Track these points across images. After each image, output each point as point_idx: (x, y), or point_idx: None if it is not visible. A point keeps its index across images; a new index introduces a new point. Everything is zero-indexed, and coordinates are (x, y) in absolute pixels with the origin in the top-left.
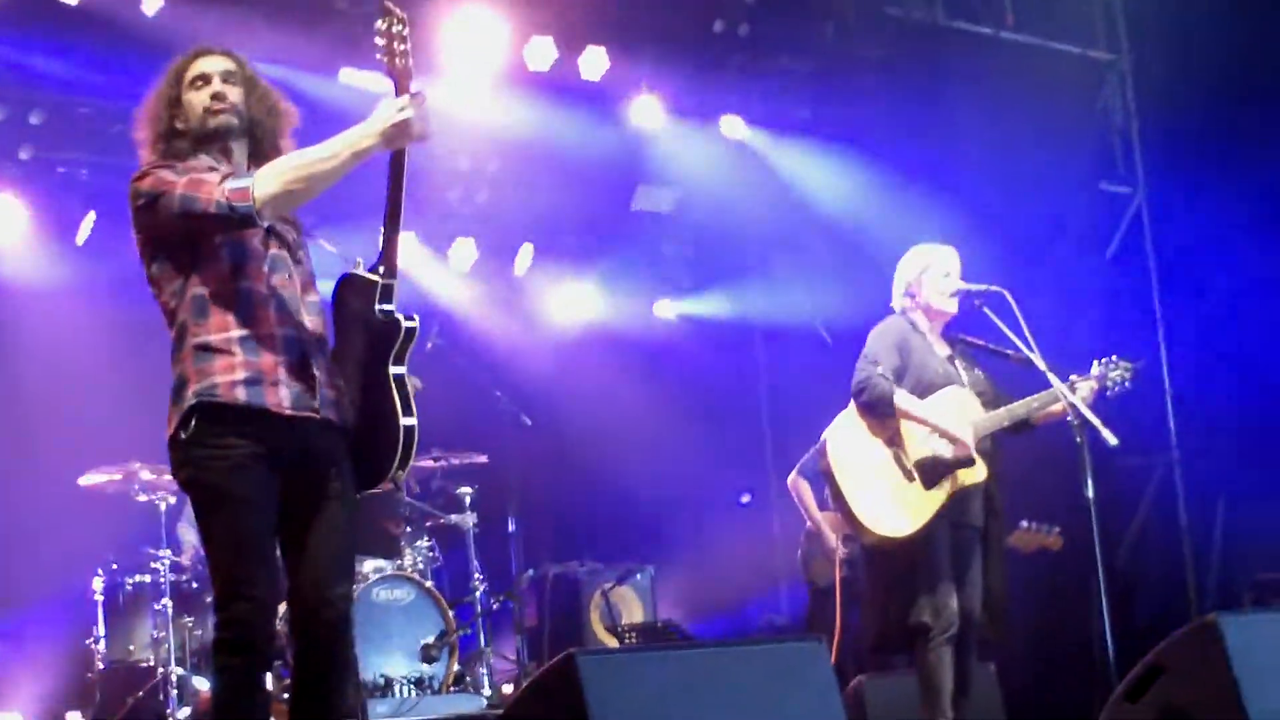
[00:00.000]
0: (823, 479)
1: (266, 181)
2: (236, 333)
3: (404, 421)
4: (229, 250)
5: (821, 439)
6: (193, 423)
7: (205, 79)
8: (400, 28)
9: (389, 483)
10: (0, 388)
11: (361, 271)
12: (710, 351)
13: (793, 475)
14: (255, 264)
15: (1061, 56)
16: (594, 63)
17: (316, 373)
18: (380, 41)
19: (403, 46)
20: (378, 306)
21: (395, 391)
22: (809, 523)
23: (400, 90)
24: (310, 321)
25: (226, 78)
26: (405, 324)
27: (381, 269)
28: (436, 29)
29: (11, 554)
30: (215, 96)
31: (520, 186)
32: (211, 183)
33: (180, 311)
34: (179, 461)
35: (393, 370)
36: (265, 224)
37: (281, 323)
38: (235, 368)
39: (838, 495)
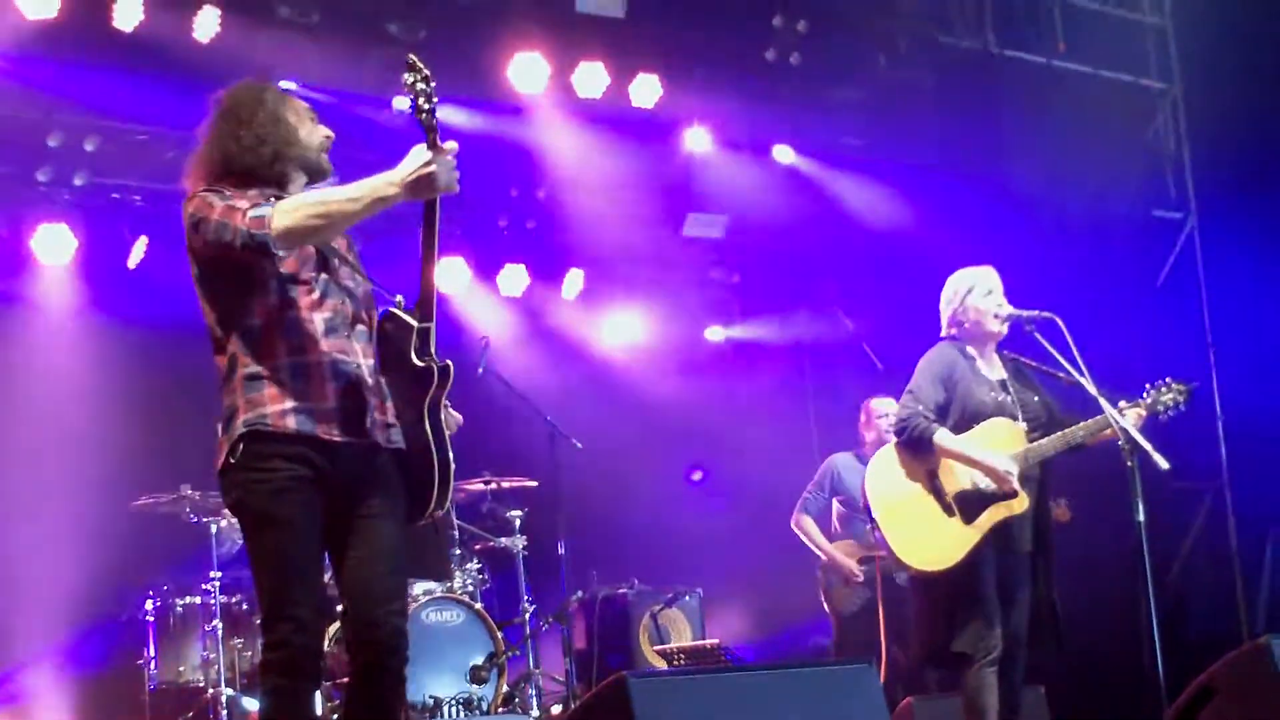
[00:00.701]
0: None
1: (286, 214)
2: (286, 361)
3: (438, 461)
4: (278, 278)
5: (820, 470)
6: (240, 448)
7: (314, 115)
8: (425, 84)
9: (429, 518)
10: (52, 411)
11: (400, 312)
12: (760, 375)
13: (795, 515)
14: (305, 291)
15: (1113, 85)
16: (646, 90)
17: (368, 397)
18: (408, 94)
19: (428, 101)
20: (413, 353)
21: (431, 432)
22: (822, 556)
23: (429, 142)
24: (361, 347)
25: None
26: (439, 372)
27: (419, 312)
28: (488, 53)
29: (64, 576)
30: (330, 139)
31: (570, 213)
32: (241, 210)
33: (230, 340)
34: (227, 487)
35: (428, 412)
36: (282, 254)
37: (331, 350)
38: (285, 397)
39: (876, 529)
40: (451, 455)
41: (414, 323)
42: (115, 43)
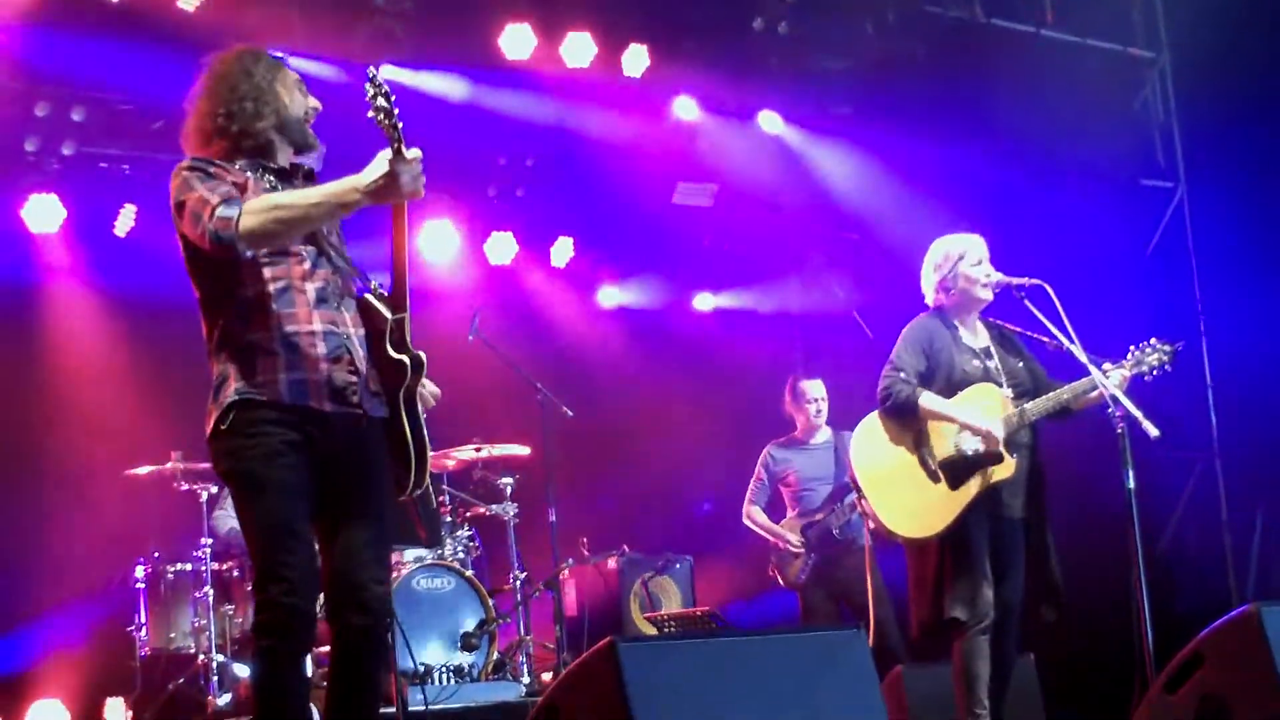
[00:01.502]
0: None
1: (252, 216)
2: (278, 331)
3: (414, 447)
4: (269, 251)
5: (758, 463)
6: (231, 416)
7: (304, 87)
8: (385, 99)
9: (408, 497)
10: (43, 380)
11: (375, 301)
12: (748, 343)
13: (744, 509)
14: (296, 262)
15: (1101, 54)
16: (635, 60)
17: (358, 366)
18: (369, 105)
19: (388, 116)
20: (388, 344)
21: (406, 420)
22: (770, 539)
23: (394, 150)
24: (351, 317)
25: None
26: (411, 366)
27: (392, 303)
28: (476, 23)
29: (55, 544)
30: (316, 110)
31: (559, 182)
32: (211, 205)
33: (221, 310)
34: (217, 454)
35: (403, 401)
36: (247, 254)
37: (323, 320)
38: (277, 367)
39: (863, 500)
40: (426, 437)
41: (388, 314)
42: (102, 12)
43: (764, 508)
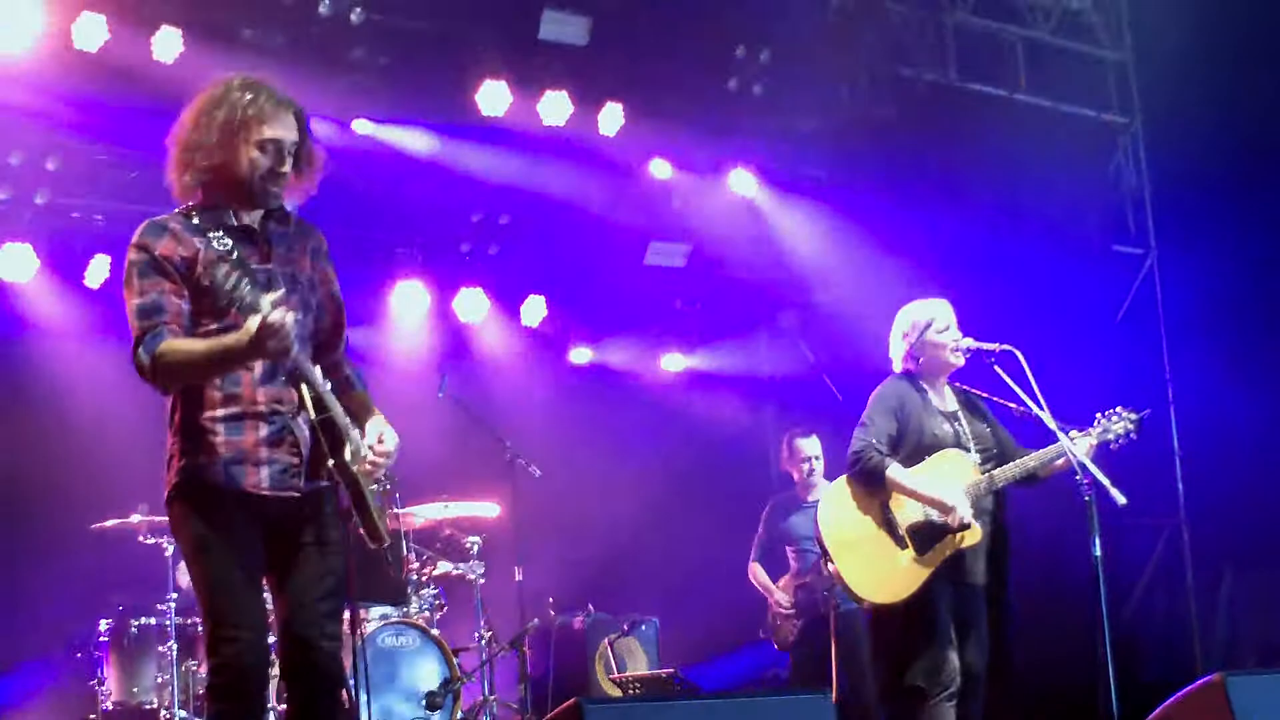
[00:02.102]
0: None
1: (167, 365)
2: (221, 411)
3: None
4: (217, 326)
5: (763, 515)
6: (180, 497)
7: (277, 147)
8: (230, 265)
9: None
10: (10, 431)
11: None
12: (718, 404)
13: (750, 564)
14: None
15: (1074, 120)
16: (609, 119)
17: (300, 448)
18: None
19: (235, 286)
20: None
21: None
22: (771, 598)
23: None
24: (296, 395)
25: (292, 150)
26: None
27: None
28: (451, 79)
29: (19, 597)
30: (279, 174)
31: (532, 240)
32: (136, 333)
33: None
34: (171, 518)
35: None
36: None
37: (267, 399)
38: (217, 448)
39: (830, 564)
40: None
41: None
42: (80, 62)
43: (764, 564)
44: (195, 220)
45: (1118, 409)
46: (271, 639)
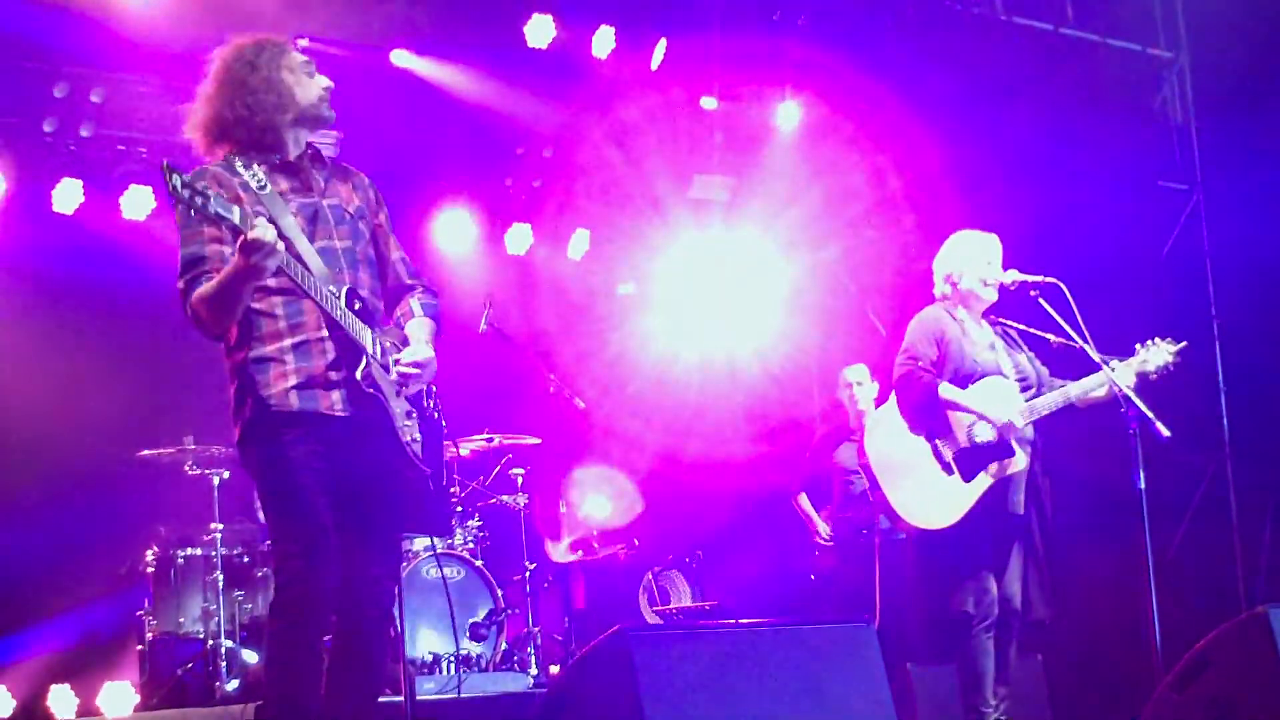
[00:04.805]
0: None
1: (197, 311)
2: (289, 340)
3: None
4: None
5: (813, 446)
6: (254, 429)
7: (309, 69)
8: (187, 190)
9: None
10: (57, 362)
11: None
12: (764, 336)
13: (796, 496)
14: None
15: (1120, 54)
16: (655, 52)
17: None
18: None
19: (203, 203)
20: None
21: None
22: (813, 527)
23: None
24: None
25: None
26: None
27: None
28: (499, 11)
29: (65, 527)
30: (328, 89)
31: (577, 173)
32: (181, 285)
33: (236, 328)
34: (246, 460)
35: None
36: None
37: (330, 325)
38: (288, 375)
39: (875, 489)
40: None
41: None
42: None
43: (809, 494)
44: (238, 163)
45: (1155, 339)
46: None
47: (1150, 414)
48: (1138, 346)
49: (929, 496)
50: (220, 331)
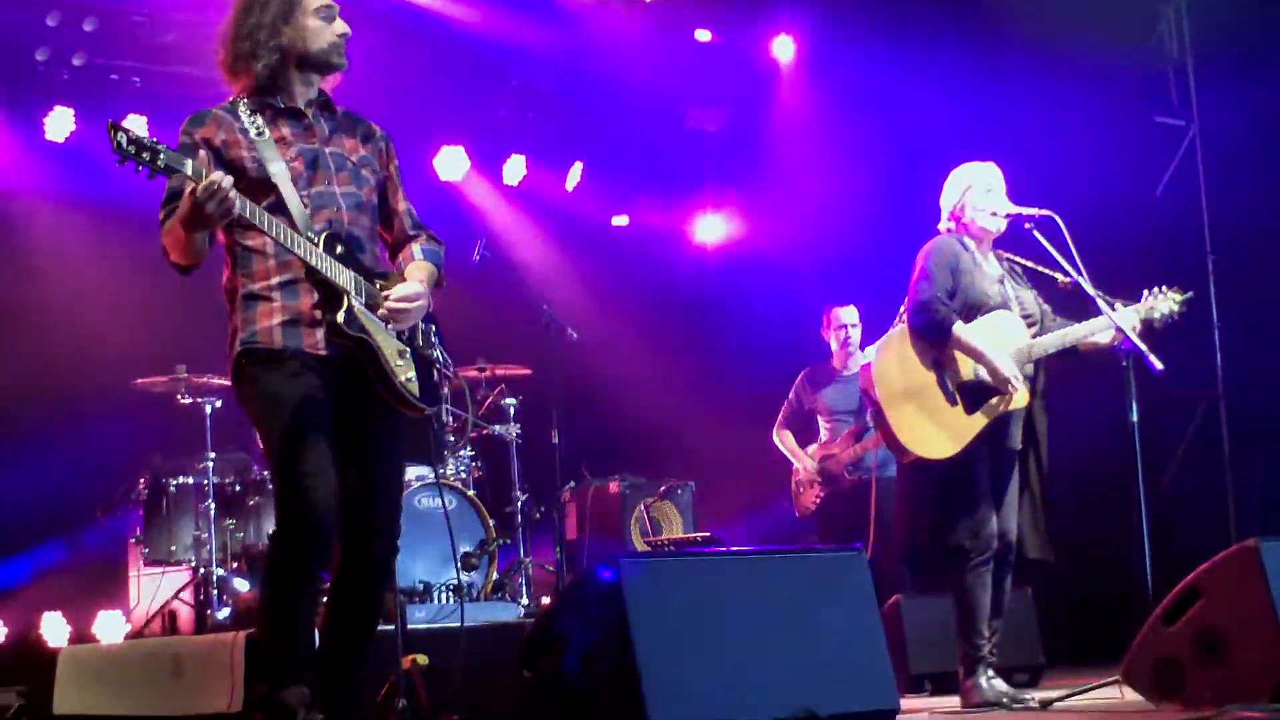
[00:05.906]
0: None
1: (163, 245)
2: (276, 279)
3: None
4: (271, 200)
5: (794, 384)
6: (243, 363)
7: (330, 13)
8: (134, 145)
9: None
10: (48, 292)
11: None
12: (754, 270)
13: (775, 430)
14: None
15: None
16: None
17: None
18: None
19: (152, 160)
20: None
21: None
22: (794, 464)
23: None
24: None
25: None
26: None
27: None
28: None
29: (58, 455)
30: (344, 35)
31: (571, 105)
32: (162, 211)
33: (232, 264)
34: (240, 397)
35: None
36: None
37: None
38: (274, 312)
39: (879, 414)
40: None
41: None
42: None
43: (795, 432)
44: (240, 107)
45: (1163, 287)
46: None
47: (1145, 347)
48: (1145, 292)
49: (932, 425)
50: (181, 266)
